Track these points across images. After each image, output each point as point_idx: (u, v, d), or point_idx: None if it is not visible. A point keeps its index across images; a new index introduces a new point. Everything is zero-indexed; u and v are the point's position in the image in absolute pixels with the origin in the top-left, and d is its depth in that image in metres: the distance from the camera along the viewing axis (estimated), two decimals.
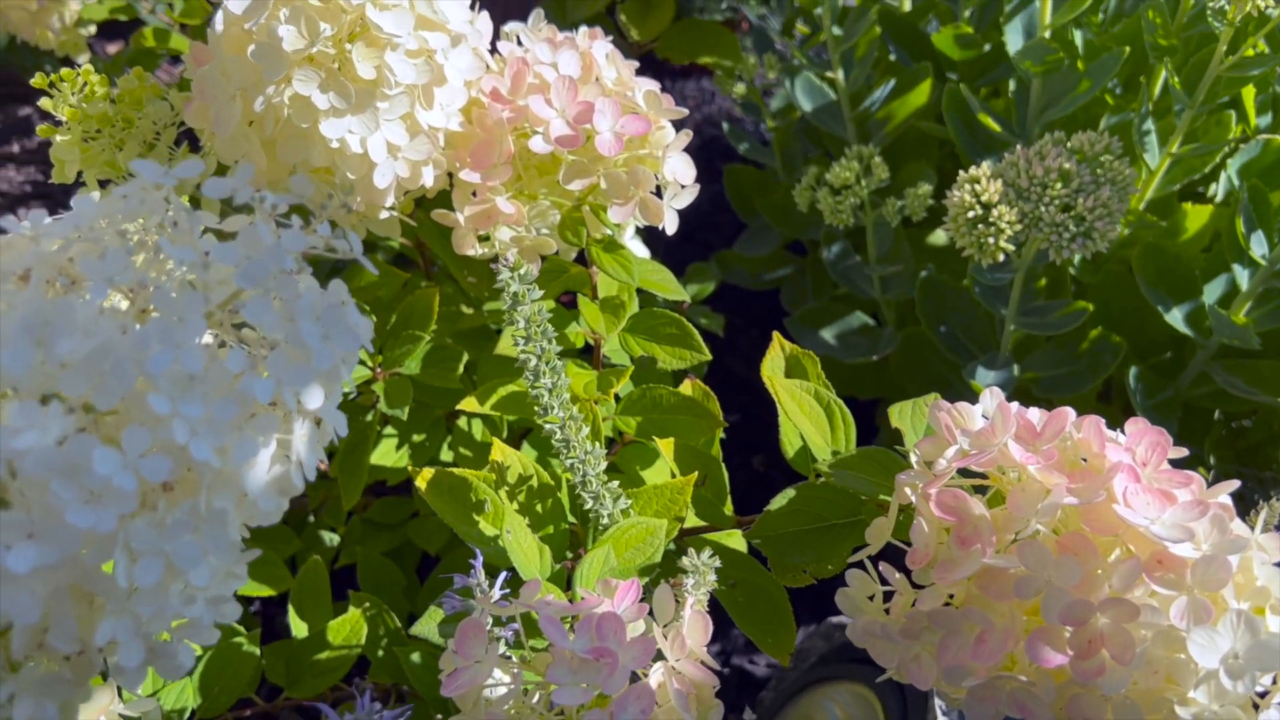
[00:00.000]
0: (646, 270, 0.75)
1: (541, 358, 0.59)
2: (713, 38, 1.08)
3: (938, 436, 0.59)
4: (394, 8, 0.61)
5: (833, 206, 0.91)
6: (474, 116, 0.71)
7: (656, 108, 0.73)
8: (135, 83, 0.73)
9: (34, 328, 0.36)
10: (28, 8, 1.15)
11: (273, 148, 0.66)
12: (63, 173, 0.72)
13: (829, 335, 1.09)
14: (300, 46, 0.59)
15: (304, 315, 0.39)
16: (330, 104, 0.60)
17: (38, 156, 1.48)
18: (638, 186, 0.70)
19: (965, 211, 0.76)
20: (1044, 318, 0.87)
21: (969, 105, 0.95)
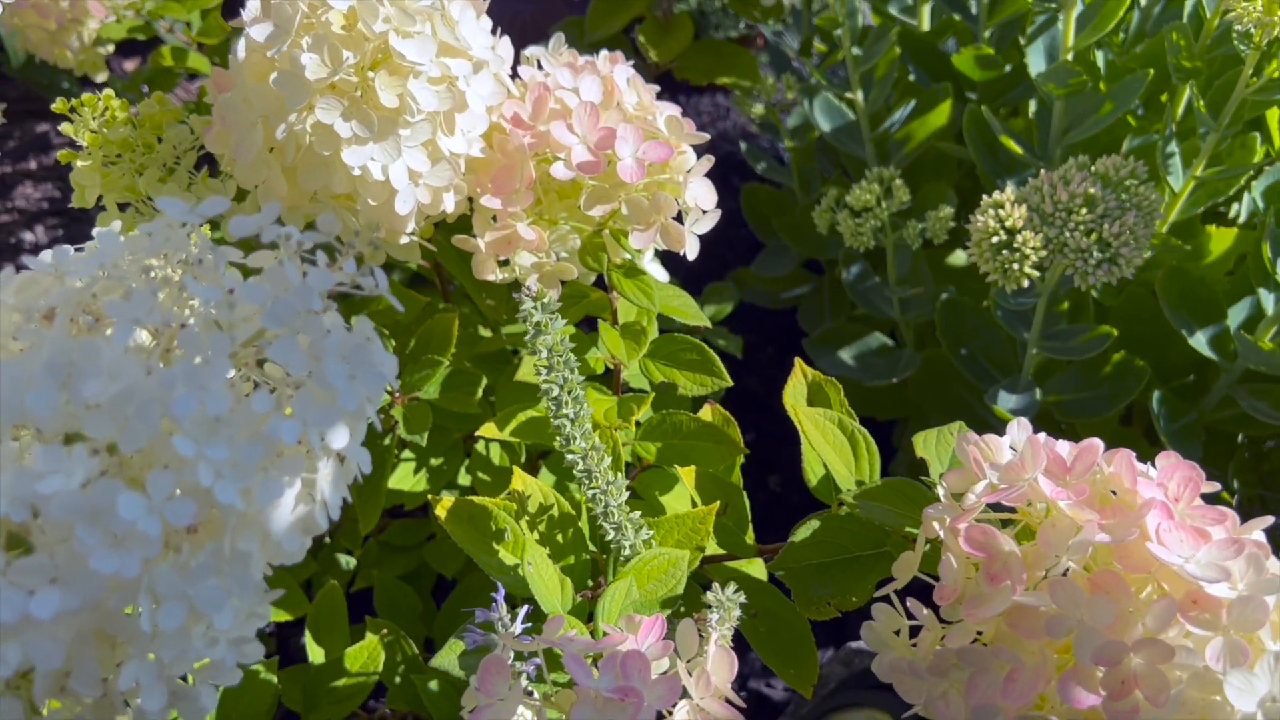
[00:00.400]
0: (667, 296, 0.75)
1: (564, 387, 0.58)
2: (731, 58, 1.07)
3: (965, 469, 0.59)
4: (416, 35, 0.61)
5: (853, 229, 0.90)
6: (495, 142, 0.71)
7: (678, 133, 0.73)
8: (156, 107, 0.72)
9: (59, 369, 0.36)
10: (47, 27, 1.16)
11: (293, 174, 0.65)
12: (83, 197, 0.72)
13: (847, 356, 1.08)
14: (323, 75, 0.58)
15: (330, 355, 0.38)
16: (353, 132, 0.60)
17: (54, 173, 1.48)
18: (659, 212, 0.70)
19: (989, 236, 0.75)
20: (1067, 342, 0.86)
21: (990, 127, 0.95)
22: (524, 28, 1.11)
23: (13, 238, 1.39)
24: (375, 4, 0.59)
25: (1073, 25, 0.85)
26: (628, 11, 1.04)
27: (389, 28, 0.60)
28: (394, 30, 0.60)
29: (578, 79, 0.72)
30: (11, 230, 1.40)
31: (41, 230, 1.40)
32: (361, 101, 0.61)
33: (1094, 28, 0.85)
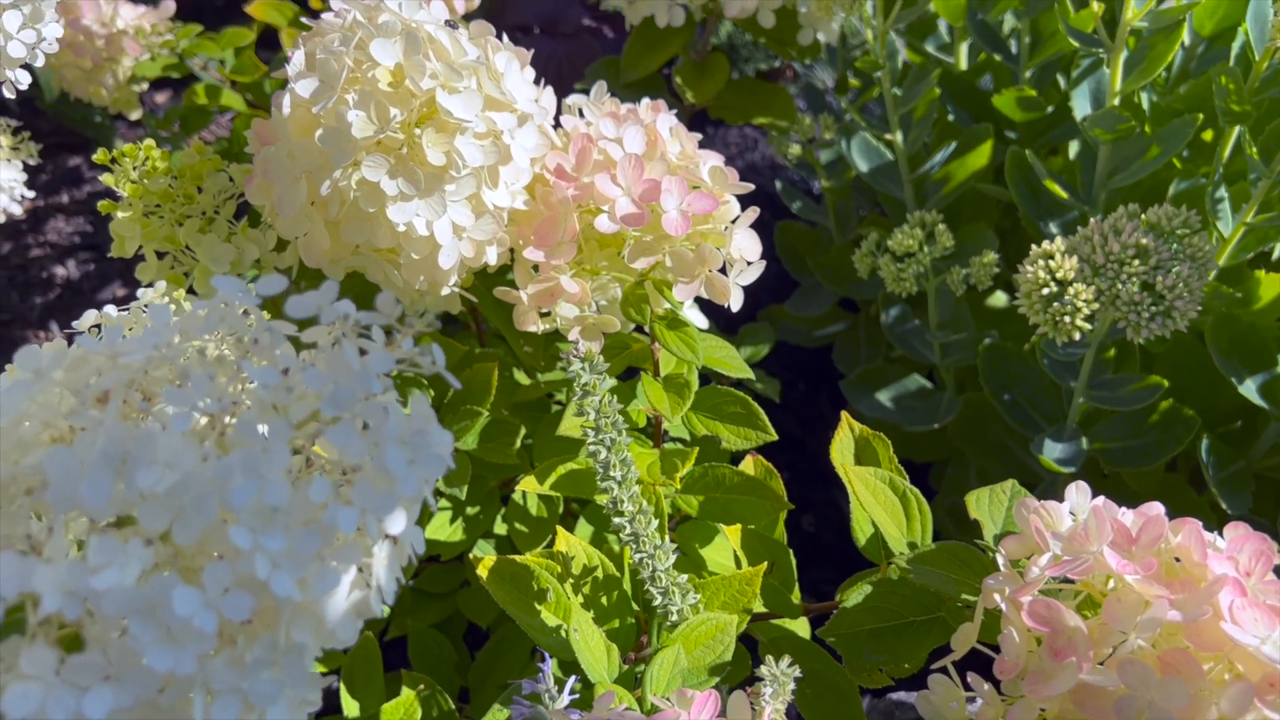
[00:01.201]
0: (710, 347, 0.73)
1: (611, 449, 0.57)
2: (767, 97, 1.06)
3: (1024, 536, 0.57)
4: (463, 90, 0.60)
5: (895, 275, 0.89)
6: (538, 193, 0.70)
7: (722, 183, 0.72)
8: (196, 157, 0.72)
9: (114, 459, 0.35)
10: (82, 66, 1.16)
11: (336, 227, 0.65)
12: (122, 247, 0.72)
13: (885, 398, 1.07)
14: (369, 134, 0.58)
15: (390, 441, 0.37)
16: (399, 190, 0.59)
17: (86, 207, 1.49)
18: (704, 265, 0.69)
19: (1039, 288, 0.74)
20: (1115, 392, 0.85)
21: (1033, 170, 0.93)
22: (559, 68, 1.11)
23: (45, 272, 1.39)
24: (422, 60, 0.59)
25: (1120, 70, 0.84)
26: (663, 52, 1.03)
27: (436, 84, 0.59)
28: (441, 86, 0.59)
29: (621, 129, 0.71)
30: (44, 264, 1.40)
31: (73, 265, 1.40)
32: (408, 158, 0.60)
33: (1141, 72, 0.84)
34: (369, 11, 0.64)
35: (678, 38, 1.03)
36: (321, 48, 0.62)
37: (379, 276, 0.69)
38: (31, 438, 0.38)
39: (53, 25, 0.66)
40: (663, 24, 1.01)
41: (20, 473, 0.37)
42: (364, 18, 0.63)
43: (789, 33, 1.04)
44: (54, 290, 1.37)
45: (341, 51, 0.59)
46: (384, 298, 0.39)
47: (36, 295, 1.37)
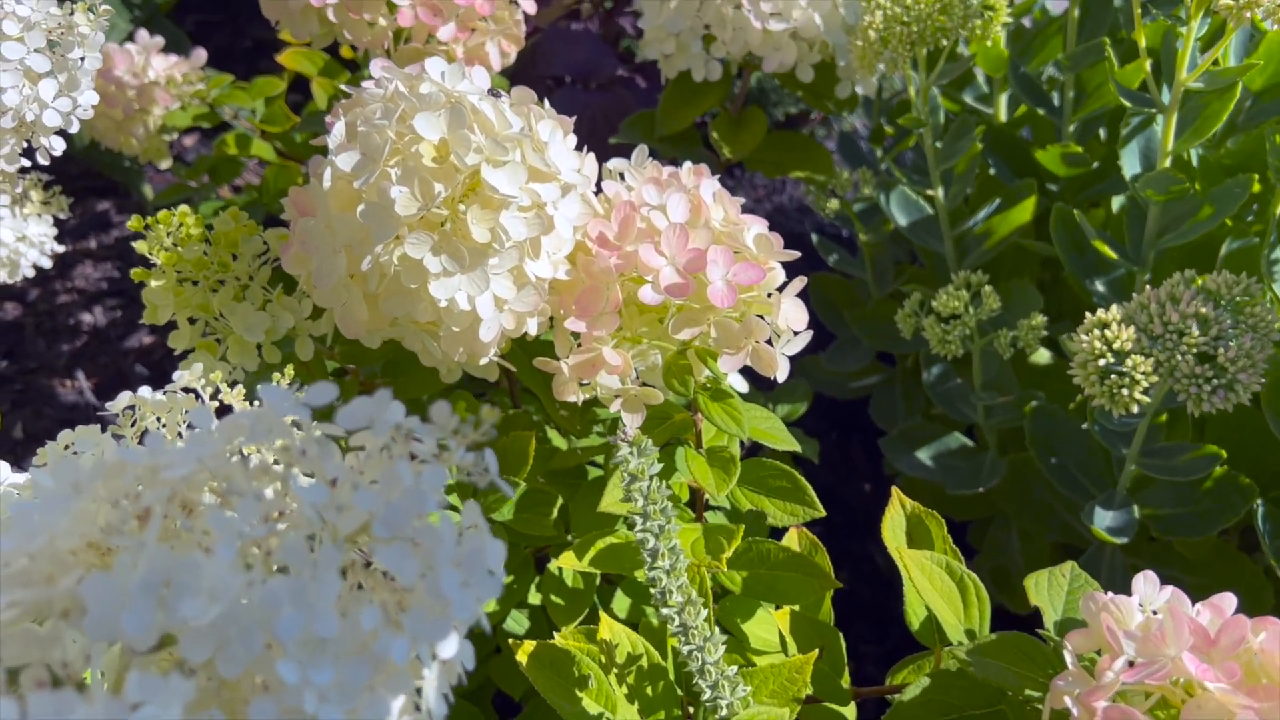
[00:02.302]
0: (755, 419, 0.71)
1: (660, 536, 0.55)
2: (803, 151, 1.05)
3: (1091, 631, 0.54)
4: (507, 163, 0.59)
5: (940, 337, 0.87)
6: (580, 262, 0.68)
7: (768, 251, 0.70)
8: (231, 224, 0.71)
9: (155, 586, 0.33)
10: (114, 116, 1.16)
11: (375, 300, 0.63)
12: (155, 315, 0.70)
13: (926, 457, 1.04)
14: (413, 211, 0.56)
15: (444, 563, 0.35)
16: (442, 267, 0.58)
17: (114, 252, 1.48)
18: (751, 336, 0.67)
19: (1095, 358, 0.71)
20: (1170, 460, 0.82)
21: (1080, 228, 0.91)
22: (593, 120, 1.09)
23: (71, 319, 1.39)
24: (467, 134, 0.57)
25: (1172, 130, 0.82)
26: (699, 106, 1.02)
27: (481, 158, 0.57)
28: (486, 160, 0.58)
29: (664, 195, 0.69)
30: (70, 311, 1.39)
31: (100, 312, 1.39)
32: (451, 234, 0.58)
33: (1194, 132, 0.82)
34: (410, 81, 0.62)
35: (714, 92, 1.02)
36: (363, 119, 0.60)
37: (417, 346, 0.68)
38: (67, 554, 0.36)
39: (88, 93, 0.65)
40: (699, 78, 1.00)
41: (56, 595, 0.35)
42: (405, 88, 0.61)
43: (826, 85, 1.02)
44: (81, 337, 1.36)
45: (384, 125, 0.58)
46: (440, 409, 0.37)
47: (64, 342, 1.36)
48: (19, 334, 1.36)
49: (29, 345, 1.35)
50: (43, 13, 0.62)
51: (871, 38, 0.85)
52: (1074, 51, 0.94)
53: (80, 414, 1.27)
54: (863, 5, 0.88)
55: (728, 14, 0.96)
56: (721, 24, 0.97)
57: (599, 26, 1.25)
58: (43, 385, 1.30)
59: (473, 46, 0.87)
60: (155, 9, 1.47)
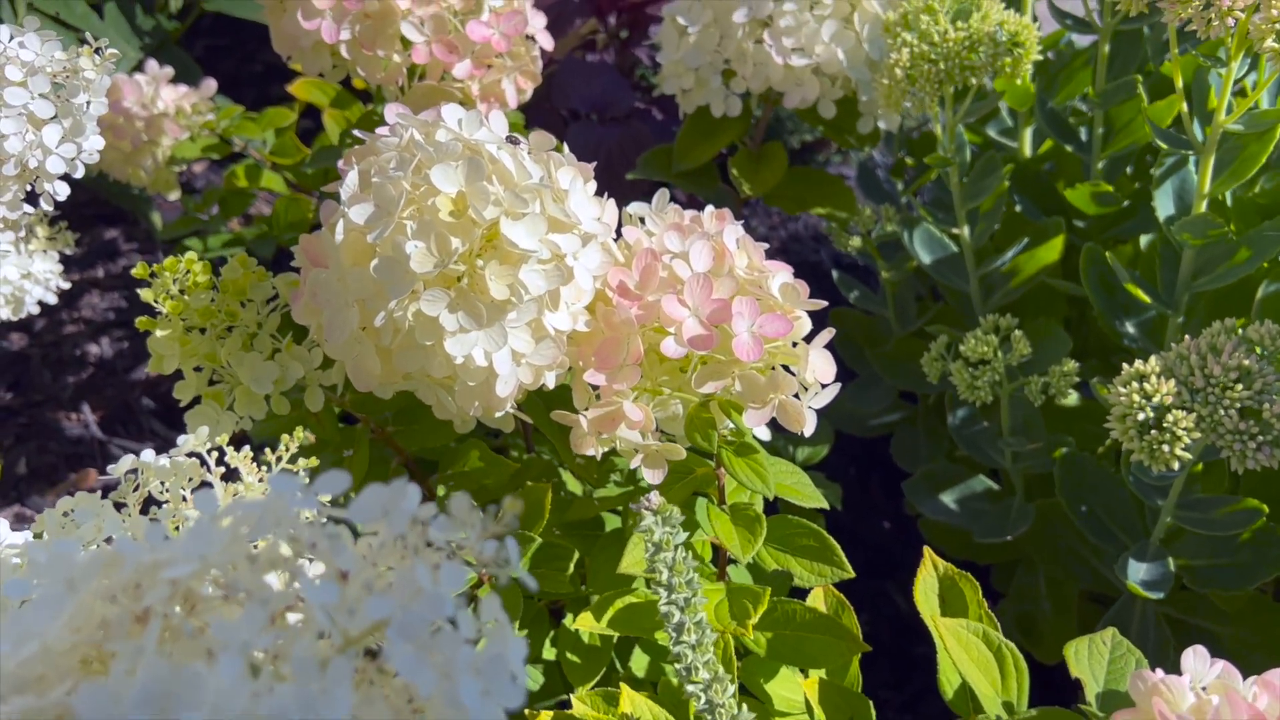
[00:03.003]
0: (781, 474, 0.69)
1: (685, 609, 0.53)
2: (824, 188, 1.03)
3: (1141, 711, 0.52)
4: (526, 215, 0.57)
5: (968, 383, 0.84)
6: (599, 312, 0.66)
7: (794, 300, 0.68)
8: (239, 271, 0.68)
9: (155, 698, 0.30)
10: (121, 148, 1.14)
11: (388, 354, 0.61)
12: (160, 365, 0.68)
13: (950, 500, 1.02)
14: (429, 268, 0.54)
15: (463, 671, 0.33)
16: (459, 325, 0.55)
17: (121, 282, 1.46)
18: (777, 390, 0.64)
19: (1134, 412, 0.68)
20: (1208, 514, 0.79)
21: (1111, 268, 0.89)
22: (609, 155, 1.07)
23: (78, 350, 1.37)
24: (485, 186, 0.55)
25: (1209, 172, 0.79)
26: (718, 142, 0.99)
27: (500, 211, 0.55)
28: (505, 213, 0.55)
29: (686, 243, 0.67)
30: (77, 342, 1.37)
31: (107, 343, 1.37)
32: (468, 290, 0.56)
33: (1232, 174, 0.79)
34: (426, 128, 0.60)
35: (733, 127, 0.99)
36: (377, 169, 0.58)
37: (431, 399, 0.65)
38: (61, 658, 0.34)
39: (94, 138, 0.63)
40: (718, 114, 0.98)
41: (48, 704, 0.33)
42: (421, 135, 0.59)
43: (848, 120, 1.00)
44: (87, 369, 1.34)
45: (399, 176, 0.56)
46: (459, 503, 0.35)
47: (69, 374, 1.34)
48: (25, 365, 1.34)
49: (35, 377, 1.33)
50: (47, 57, 0.60)
51: (898, 76, 0.83)
52: (1105, 89, 0.91)
53: (85, 448, 1.25)
54: (888, 42, 0.86)
55: (748, 49, 0.94)
56: (742, 59, 0.95)
57: (615, 57, 1.23)
58: (48, 418, 1.28)
59: (488, 83, 0.85)
60: (165, 37, 1.46)
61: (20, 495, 1.19)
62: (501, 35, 0.83)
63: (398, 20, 0.81)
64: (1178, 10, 0.69)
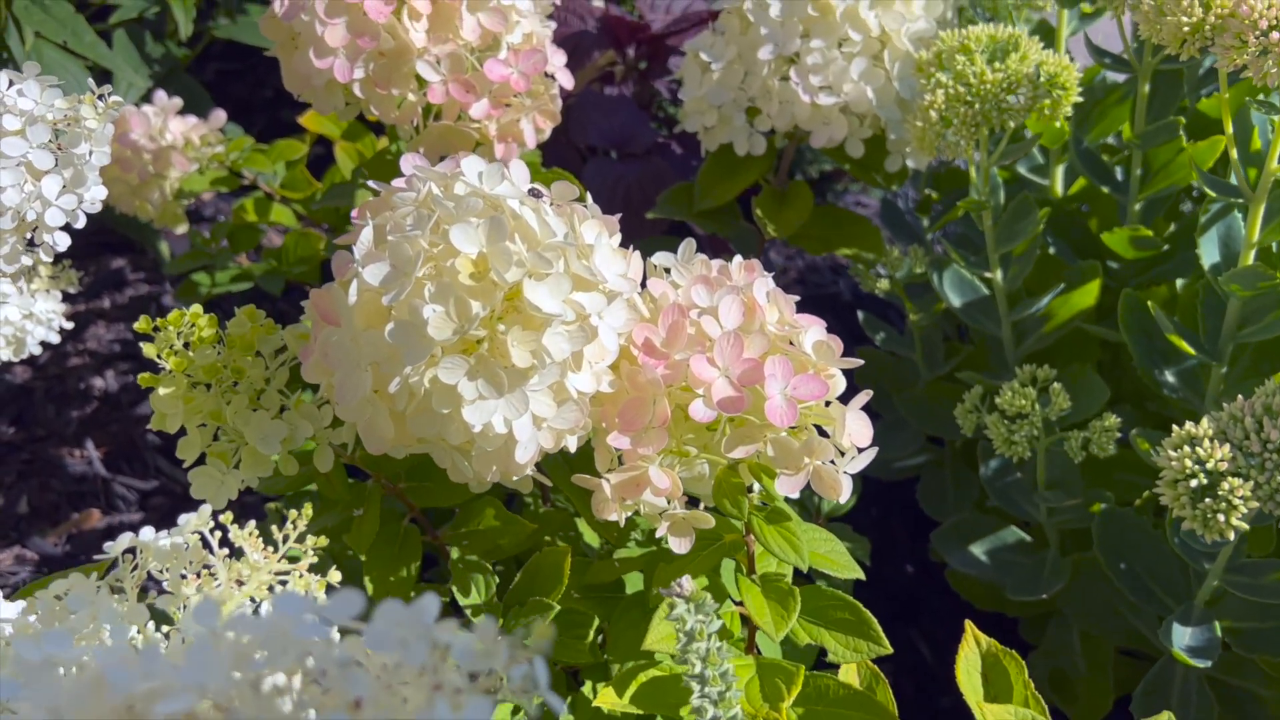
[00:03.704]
0: (814, 542, 0.65)
1: (719, 703, 0.49)
2: (851, 228, 0.99)
3: None
4: (549, 276, 0.53)
5: (1005, 437, 0.81)
6: (624, 371, 0.62)
7: (828, 358, 0.64)
8: (246, 325, 0.65)
9: None
10: (129, 181, 1.11)
11: (402, 418, 0.58)
12: (162, 422, 0.65)
13: (980, 552, 0.98)
14: (448, 335, 0.51)
15: None
16: (478, 393, 0.52)
17: (127, 312, 1.44)
18: (812, 456, 0.61)
19: (1186, 478, 0.65)
20: (1258, 579, 0.76)
21: (1150, 316, 0.85)
22: (628, 192, 1.04)
23: (82, 383, 1.34)
24: (509, 247, 0.52)
25: (1259, 221, 0.76)
26: (741, 180, 0.96)
27: (523, 273, 0.52)
28: (529, 275, 0.52)
29: (714, 296, 0.64)
30: (81, 375, 1.35)
31: (112, 376, 1.34)
32: (488, 355, 0.53)
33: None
34: (445, 181, 0.57)
35: (756, 165, 0.96)
36: (393, 225, 0.55)
37: (446, 463, 0.62)
38: None
39: (96, 188, 0.60)
40: (742, 152, 0.95)
41: None
42: (440, 189, 0.56)
43: (875, 159, 0.97)
44: (91, 404, 1.31)
45: (416, 235, 0.52)
46: (485, 627, 0.31)
47: (73, 408, 1.31)
48: (28, 399, 1.31)
49: (38, 411, 1.30)
50: (47, 105, 0.57)
51: (932, 118, 0.80)
52: (1145, 130, 0.88)
53: (88, 486, 1.22)
54: (921, 82, 0.82)
55: (774, 86, 0.91)
56: (767, 97, 0.92)
57: (633, 89, 1.21)
58: (50, 455, 1.25)
59: (506, 123, 0.82)
60: (175, 64, 1.44)
61: (21, 535, 1.16)
62: (520, 74, 0.80)
63: (413, 59, 0.78)
64: (1231, 56, 0.66)
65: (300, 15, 0.76)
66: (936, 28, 0.91)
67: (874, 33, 0.89)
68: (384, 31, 0.77)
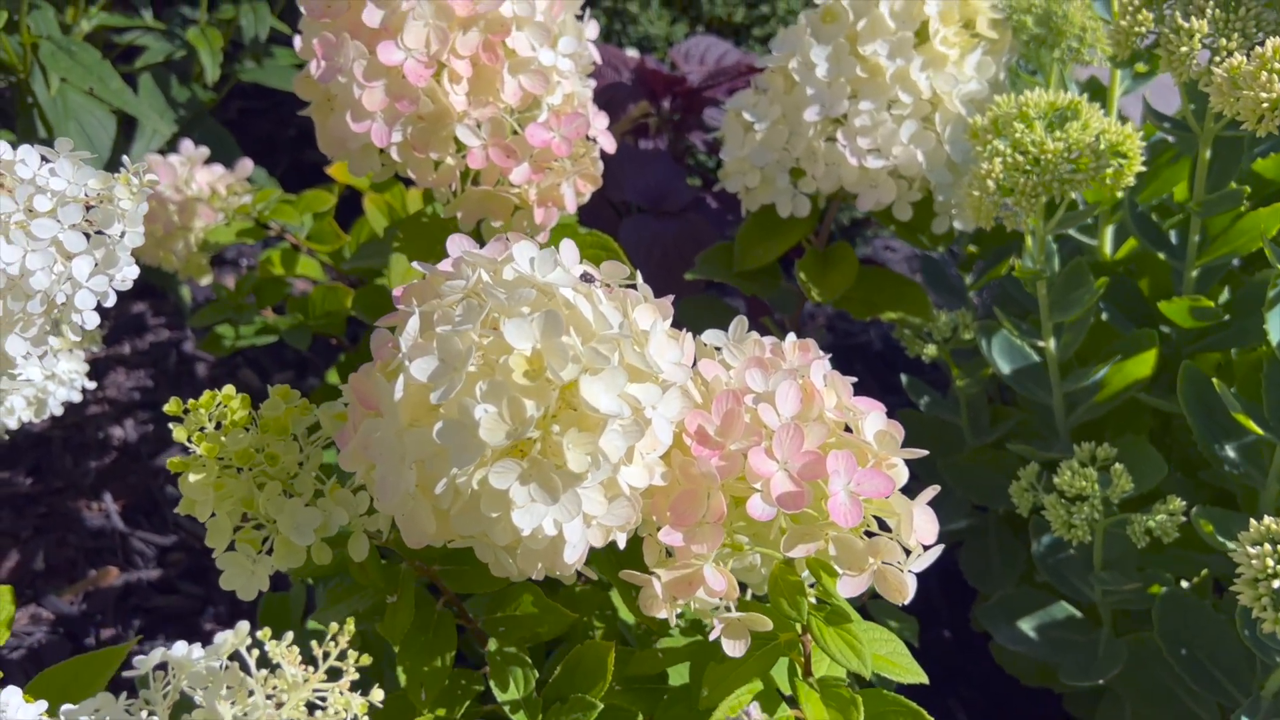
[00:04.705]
0: (875, 643, 0.62)
1: None
2: (896, 291, 0.96)
3: None
4: (603, 371, 0.50)
5: (1065, 521, 0.77)
6: (676, 462, 0.59)
7: (891, 448, 0.61)
8: (280, 407, 0.63)
9: None
10: (153, 233, 1.09)
11: (445, 515, 0.55)
12: (191, 508, 0.62)
13: (1029, 628, 0.94)
14: (500, 438, 0.48)
15: None
16: (530, 498, 0.49)
17: (148, 359, 1.41)
18: (878, 556, 0.58)
19: (1267, 578, 0.61)
20: None
21: (1213, 390, 0.82)
22: (665, 251, 1.02)
23: (101, 432, 1.31)
24: (564, 343, 0.49)
25: None
26: (783, 242, 0.94)
27: (579, 369, 0.49)
28: (586, 370, 0.49)
29: (769, 380, 0.61)
30: (100, 424, 1.32)
31: (132, 425, 1.32)
32: (541, 457, 0.50)
33: None
34: (494, 267, 0.54)
35: (799, 227, 0.94)
36: (441, 315, 0.52)
37: (489, 558, 0.59)
38: None
39: (128, 269, 0.57)
40: (785, 214, 0.92)
41: None
42: (490, 276, 0.54)
43: (922, 221, 0.94)
44: (109, 454, 1.29)
45: (467, 329, 0.50)
46: None
47: (92, 458, 1.28)
48: (46, 448, 1.29)
49: (56, 461, 1.27)
50: (80, 185, 0.54)
51: (990, 188, 0.77)
52: (1205, 199, 0.85)
53: (106, 541, 1.19)
54: (977, 150, 0.80)
55: (820, 148, 0.88)
56: (812, 158, 0.89)
57: (667, 142, 1.18)
58: (68, 508, 1.22)
59: (546, 188, 0.79)
60: (200, 107, 1.42)
61: (37, 593, 1.13)
62: (562, 139, 0.77)
63: (453, 123, 0.76)
64: None
65: (337, 77, 0.74)
66: (989, 89, 0.88)
67: (925, 95, 0.86)
68: (423, 95, 0.74)
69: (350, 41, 0.73)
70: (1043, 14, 0.94)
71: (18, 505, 1.22)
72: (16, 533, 1.18)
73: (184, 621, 1.11)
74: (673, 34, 1.37)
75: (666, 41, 1.37)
